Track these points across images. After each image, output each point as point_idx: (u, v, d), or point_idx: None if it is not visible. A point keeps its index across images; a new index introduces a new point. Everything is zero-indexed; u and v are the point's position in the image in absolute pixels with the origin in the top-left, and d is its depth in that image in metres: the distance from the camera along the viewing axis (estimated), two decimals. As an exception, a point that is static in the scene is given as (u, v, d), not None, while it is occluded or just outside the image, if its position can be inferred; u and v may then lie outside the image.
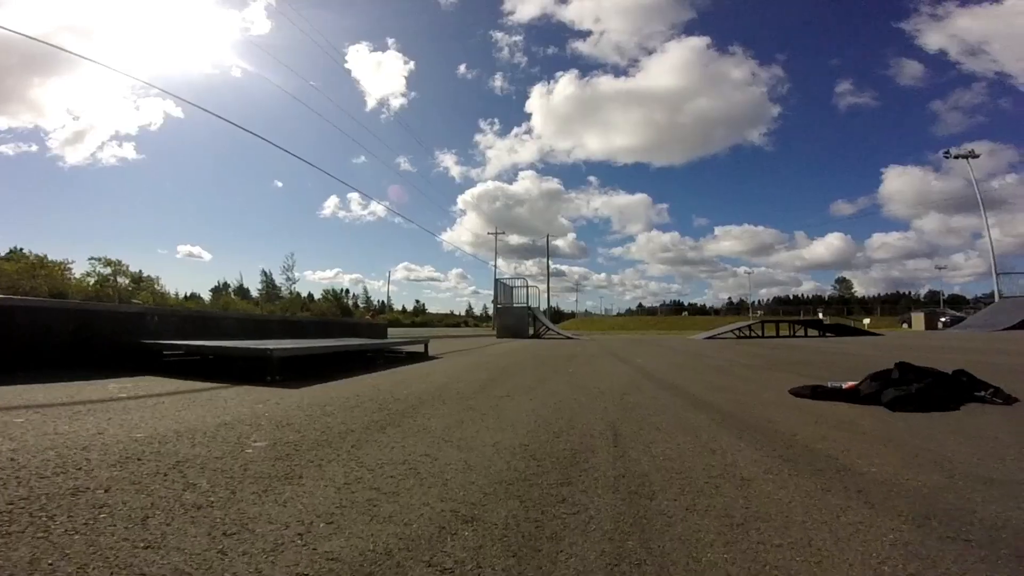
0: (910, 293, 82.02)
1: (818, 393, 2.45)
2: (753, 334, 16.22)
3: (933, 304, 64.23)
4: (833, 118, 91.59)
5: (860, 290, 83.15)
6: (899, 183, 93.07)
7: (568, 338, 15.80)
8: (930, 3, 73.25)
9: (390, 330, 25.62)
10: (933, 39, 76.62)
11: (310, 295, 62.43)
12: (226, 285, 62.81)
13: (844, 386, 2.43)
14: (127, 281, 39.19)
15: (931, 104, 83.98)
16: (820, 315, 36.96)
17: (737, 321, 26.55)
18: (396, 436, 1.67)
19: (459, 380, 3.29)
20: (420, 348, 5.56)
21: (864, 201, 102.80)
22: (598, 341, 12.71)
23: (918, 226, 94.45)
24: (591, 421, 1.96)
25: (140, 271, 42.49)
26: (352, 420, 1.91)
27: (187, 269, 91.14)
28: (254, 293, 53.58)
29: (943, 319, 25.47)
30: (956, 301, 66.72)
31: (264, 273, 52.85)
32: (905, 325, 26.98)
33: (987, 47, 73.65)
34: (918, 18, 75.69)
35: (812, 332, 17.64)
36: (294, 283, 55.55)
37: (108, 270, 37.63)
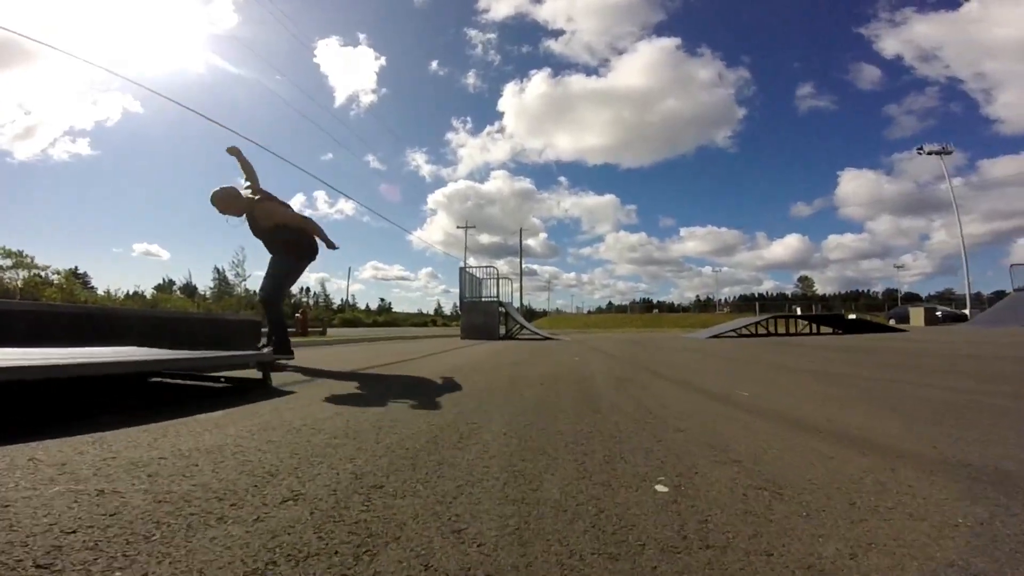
0: (868, 291, 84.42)
1: None
2: (761, 332, 13.96)
3: (892, 301, 65.72)
4: (794, 121, 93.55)
5: (819, 289, 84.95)
6: (854, 185, 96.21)
7: (547, 338, 13.03)
8: (889, 9, 75.12)
9: (346, 331, 21.73)
10: (890, 44, 78.81)
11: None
12: (171, 282, 57.53)
13: None
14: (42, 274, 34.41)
15: (886, 108, 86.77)
16: (798, 311, 35.80)
17: (736, 318, 24.58)
18: None
19: None
20: (258, 371, 2.59)
21: (821, 203, 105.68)
22: (586, 342, 9.97)
23: (871, 227, 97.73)
24: None
25: (76, 267, 38.53)
26: None
27: (144, 268, 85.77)
28: (206, 291, 49.10)
29: (937, 314, 24.40)
30: (912, 298, 68.76)
31: (217, 270, 48.55)
32: (892, 321, 25.75)
33: (940, 53, 76.37)
34: (877, 23, 77.57)
35: (821, 329, 15.60)
36: (244, 280, 51.31)
37: (8, 261, 32.27)
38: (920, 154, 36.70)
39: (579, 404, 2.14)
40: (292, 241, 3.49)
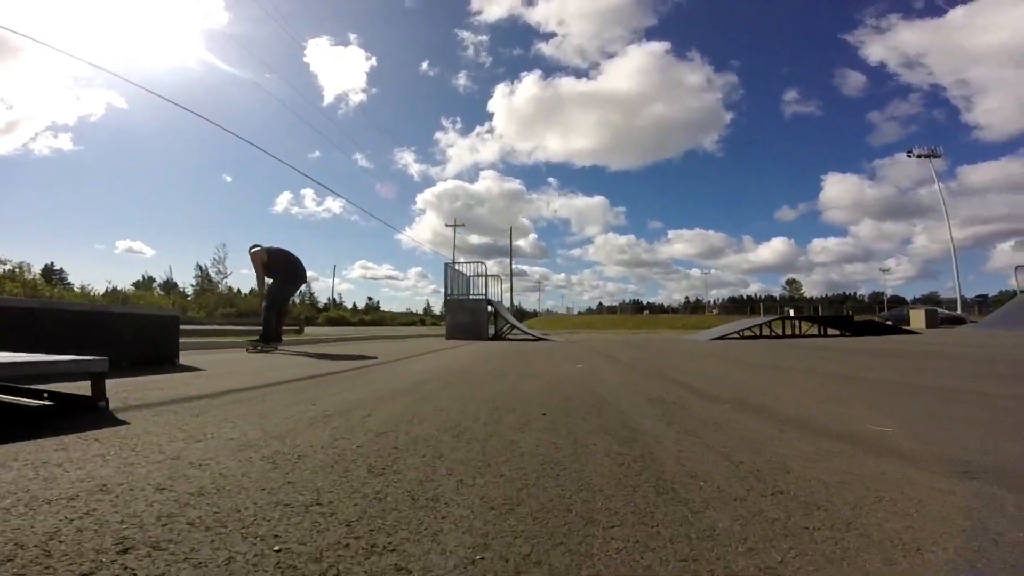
0: (854, 294, 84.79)
1: None
2: (765, 333, 13.14)
3: (878, 304, 65.98)
4: (780, 126, 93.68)
5: (805, 291, 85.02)
6: (837, 190, 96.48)
7: (539, 339, 12.04)
8: (875, 15, 75.36)
9: (326, 330, 20.28)
10: (875, 51, 79.15)
11: (252, 290, 55.03)
12: (151, 279, 55.44)
13: None
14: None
15: (869, 114, 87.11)
16: (790, 312, 35.26)
17: (726, 320, 23.81)
18: None
19: None
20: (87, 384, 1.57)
21: (805, 207, 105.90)
22: (583, 344, 8.99)
23: (854, 232, 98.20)
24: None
25: (51, 263, 37.31)
26: None
27: (126, 265, 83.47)
28: (186, 287, 47.33)
29: (938, 317, 23.91)
30: (898, 301, 69.24)
31: (199, 267, 46.81)
32: (890, 323, 25.18)
33: (925, 60, 76.87)
34: (863, 30, 77.80)
35: (818, 331, 14.84)
36: (226, 277, 49.47)
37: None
38: (910, 157, 36.65)
39: (620, 468, 1.14)
40: (279, 270, 5.71)
